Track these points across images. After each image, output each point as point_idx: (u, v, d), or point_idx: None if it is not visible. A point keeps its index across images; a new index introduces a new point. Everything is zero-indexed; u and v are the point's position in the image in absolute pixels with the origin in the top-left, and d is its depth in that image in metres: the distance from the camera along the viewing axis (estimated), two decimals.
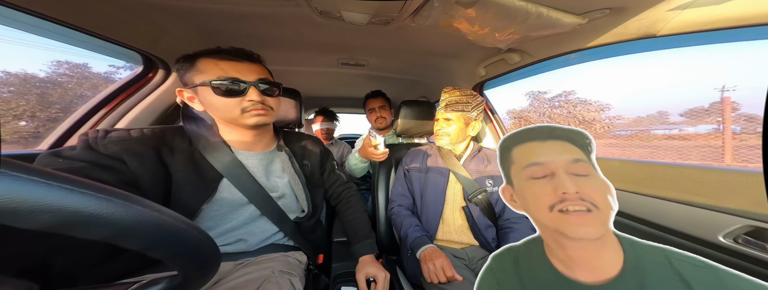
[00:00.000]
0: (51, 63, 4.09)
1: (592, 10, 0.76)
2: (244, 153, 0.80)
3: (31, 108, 2.19)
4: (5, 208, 0.20)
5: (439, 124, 1.08)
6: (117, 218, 0.25)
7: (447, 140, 1.06)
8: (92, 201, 0.23)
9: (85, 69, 4.17)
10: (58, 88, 3.60)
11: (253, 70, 0.73)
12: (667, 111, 9.67)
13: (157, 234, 0.28)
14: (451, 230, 1.02)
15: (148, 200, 0.28)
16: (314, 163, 0.97)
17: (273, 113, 0.78)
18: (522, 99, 10.65)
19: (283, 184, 0.84)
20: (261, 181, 0.79)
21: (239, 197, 0.76)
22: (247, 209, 0.78)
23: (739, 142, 4.75)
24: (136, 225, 0.26)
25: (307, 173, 0.92)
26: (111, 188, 0.26)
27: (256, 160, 0.82)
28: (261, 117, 0.74)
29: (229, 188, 0.74)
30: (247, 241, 0.79)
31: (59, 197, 0.22)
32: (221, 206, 0.74)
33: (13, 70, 2.70)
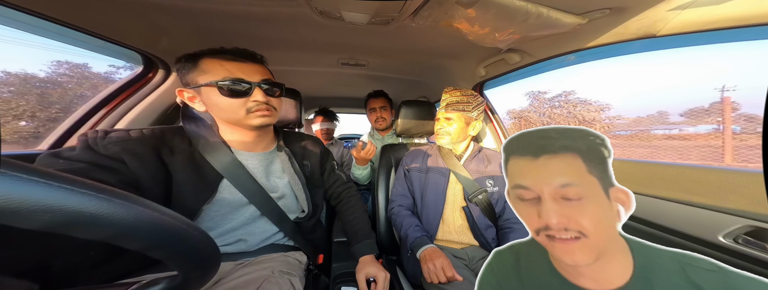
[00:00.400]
0: (51, 63, 4.09)
1: (592, 10, 0.76)
2: (245, 154, 0.80)
3: (31, 108, 2.19)
4: (6, 208, 0.20)
5: (439, 123, 1.08)
6: (117, 218, 0.25)
7: (448, 139, 1.06)
8: (93, 201, 0.23)
9: (85, 69, 4.18)
10: (58, 88, 3.61)
11: (256, 71, 0.73)
12: (667, 111, 9.69)
13: (158, 234, 0.28)
14: (451, 230, 1.02)
15: (148, 201, 0.28)
16: (314, 163, 0.97)
17: (276, 114, 0.78)
18: (522, 99, 10.66)
19: (283, 184, 0.84)
20: (261, 181, 0.79)
21: (239, 198, 0.76)
22: (248, 209, 0.78)
23: (739, 142, 4.75)
24: (137, 225, 0.26)
25: (307, 174, 0.92)
26: (111, 188, 0.26)
27: (256, 160, 0.81)
28: (266, 118, 0.74)
29: (229, 188, 0.74)
30: (247, 241, 0.79)
31: (60, 197, 0.22)
32: (221, 207, 0.74)
33: (13, 70, 2.70)
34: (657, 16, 0.74)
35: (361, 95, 1.96)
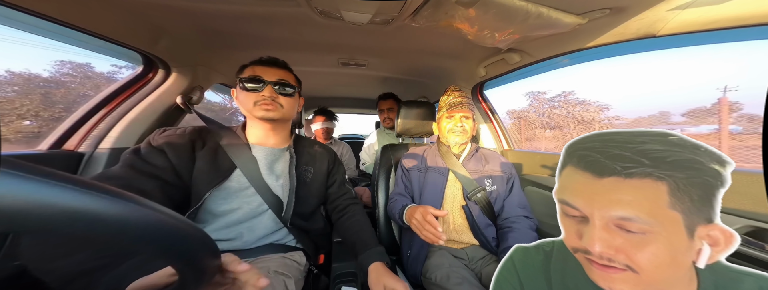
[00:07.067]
0: (54, 63, 4.14)
1: (592, 10, 0.76)
2: (256, 147, 0.87)
3: (36, 107, 2.19)
4: (6, 207, 0.20)
5: (455, 121, 1.06)
6: (117, 217, 0.25)
7: (464, 137, 1.06)
8: (94, 201, 0.23)
9: (88, 69, 4.22)
10: (62, 87, 3.64)
11: (275, 73, 0.84)
12: (668, 111, 9.69)
13: (158, 232, 0.28)
14: (450, 229, 1.02)
15: (152, 202, 0.28)
16: (318, 171, 0.96)
17: (282, 110, 0.84)
18: (522, 99, 10.65)
19: (278, 185, 0.86)
20: (264, 175, 0.84)
21: (247, 186, 0.82)
22: (254, 200, 0.82)
23: (738, 142, 4.75)
24: (137, 223, 0.26)
25: (306, 180, 0.92)
26: (115, 189, 0.26)
27: (263, 153, 0.87)
28: (268, 111, 0.81)
29: (239, 178, 0.82)
30: (248, 236, 0.80)
31: (61, 196, 0.22)
32: (229, 193, 0.81)
33: (17, 70, 2.71)
34: (657, 16, 0.74)
35: (361, 95, 1.97)
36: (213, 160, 0.80)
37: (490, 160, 1.09)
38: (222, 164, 0.81)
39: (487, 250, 0.98)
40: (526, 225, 0.96)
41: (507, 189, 1.04)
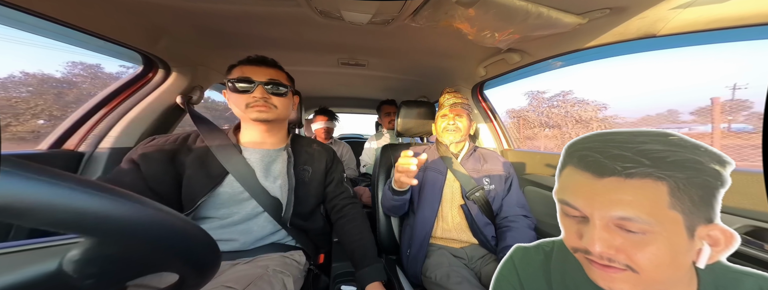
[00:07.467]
0: (66, 64, 4.24)
1: (592, 10, 0.76)
2: (251, 150, 0.84)
3: (49, 107, 2.20)
4: (6, 207, 0.20)
5: (448, 119, 1.09)
6: (117, 216, 0.25)
7: (457, 135, 1.07)
8: (95, 200, 0.23)
9: (98, 69, 4.31)
10: (74, 87, 3.71)
11: (265, 73, 0.81)
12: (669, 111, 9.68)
13: (158, 231, 0.28)
14: (449, 228, 1.02)
15: (152, 201, 0.28)
16: (317, 170, 0.94)
17: (275, 111, 0.82)
18: (522, 99, 10.65)
19: (276, 187, 0.85)
20: (260, 178, 0.82)
21: (241, 192, 0.80)
22: (249, 204, 0.81)
23: (737, 142, 4.75)
24: (136, 222, 0.26)
25: (305, 179, 0.91)
26: (116, 187, 0.26)
27: (258, 156, 0.84)
28: (261, 113, 0.79)
29: (232, 183, 0.80)
30: (246, 237, 0.80)
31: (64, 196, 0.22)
32: (222, 199, 0.79)
33: (31, 71, 2.77)
34: (657, 15, 0.74)
35: (361, 95, 1.97)
36: (203, 166, 0.77)
37: (489, 159, 1.09)
38: (212, 171, 0.78)
39: (487, 249, 0.98)
40: (525, 224, 0.96)
41: (505, 188, 1.04)
